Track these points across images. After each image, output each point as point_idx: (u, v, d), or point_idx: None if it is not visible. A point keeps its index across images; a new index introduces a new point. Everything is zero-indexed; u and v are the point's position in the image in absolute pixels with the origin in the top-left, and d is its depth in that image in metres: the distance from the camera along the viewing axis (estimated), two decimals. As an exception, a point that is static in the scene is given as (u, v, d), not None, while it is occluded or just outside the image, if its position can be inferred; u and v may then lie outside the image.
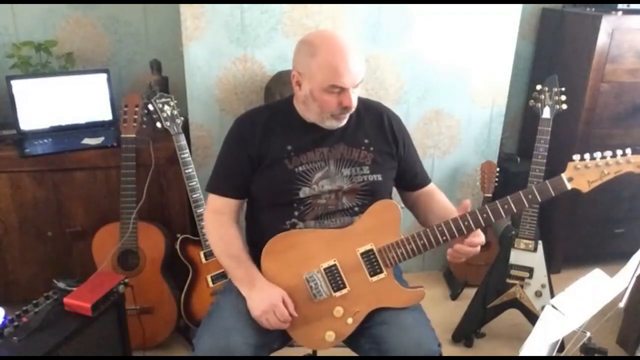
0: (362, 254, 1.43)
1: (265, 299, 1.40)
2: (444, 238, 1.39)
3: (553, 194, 1.36)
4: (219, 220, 1.52)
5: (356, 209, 1.49)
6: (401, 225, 1.54)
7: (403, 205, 1.53)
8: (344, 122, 1.48)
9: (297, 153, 1.48)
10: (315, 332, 1.44)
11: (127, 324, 1.89)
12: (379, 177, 1.51)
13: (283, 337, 1.48)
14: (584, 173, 1.34)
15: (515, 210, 1.37)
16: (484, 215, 1.37)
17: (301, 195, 1.46)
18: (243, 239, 1.54)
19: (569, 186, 1.35)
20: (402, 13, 2.37)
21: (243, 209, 1.61)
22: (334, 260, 1.43)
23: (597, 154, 1.34)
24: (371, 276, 1.43)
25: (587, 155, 1.34)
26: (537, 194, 1.36)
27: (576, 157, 1.35)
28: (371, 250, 1.43)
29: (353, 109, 1.44)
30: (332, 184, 1.48)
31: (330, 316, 1.43)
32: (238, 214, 1.56)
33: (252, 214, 1.59)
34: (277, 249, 1.45)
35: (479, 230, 1.39)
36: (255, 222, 1.56)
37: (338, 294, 1.43)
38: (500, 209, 1.37)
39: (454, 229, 1.38)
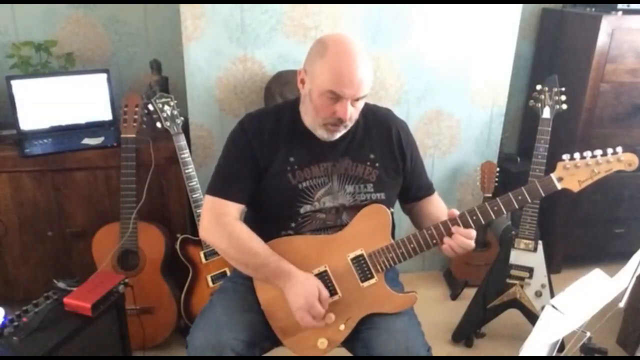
0: (352, 260, 1.41)
1: (300, 296, 1.35)
2: (434, 241, 1.38)
3: (543, 194, 1.36)
4: (222, 221, 1.41)
5: None
6: (398, 229, 1.53)
7: (392, 210, 1.51)
8: (337, 136, 1.42)
9: (301, 167, 1.43)
10: (308, 339, 1.42)
11: (127, 324, 1.89)
12: (382, 196, 1.47)
13: (275, 336, 1.46)
14: (574, 173, 1.34)
15: (505, 212, 1.36)
16: (474, 218, 1.36)
17: (301, 211, 1.44)
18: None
19: (559, 186, 1.34)
20: (402, 13, 2.36)
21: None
22: (325, 267, 1.42)
23: (587, 153, 1.33)
24: (362, 282, 1.41)
25: (577, 155, 1.34)
26: (526, 194, 1.35)
27: (566, 156, 1.34)
28: (361, 255, 1.41)
29: (349, 124, 1.40)
30: (334, 201, 1.45)
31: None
32: (240, 220, 1.48)
33: (246, 221, 1.52)
34: None
35: None
36: (249, 228, 1.50)
37: (330, 300, 1.40)
38: (490, 211, 1.36)
39: (443, 232, 1.37)
